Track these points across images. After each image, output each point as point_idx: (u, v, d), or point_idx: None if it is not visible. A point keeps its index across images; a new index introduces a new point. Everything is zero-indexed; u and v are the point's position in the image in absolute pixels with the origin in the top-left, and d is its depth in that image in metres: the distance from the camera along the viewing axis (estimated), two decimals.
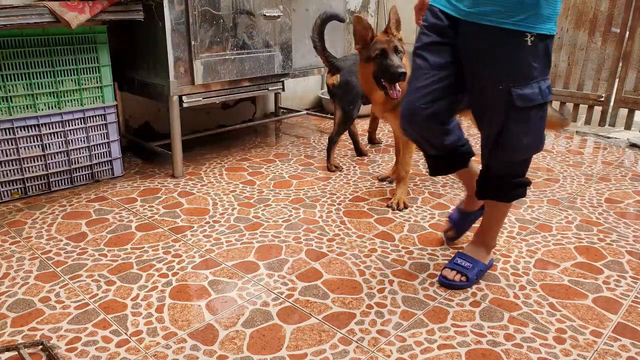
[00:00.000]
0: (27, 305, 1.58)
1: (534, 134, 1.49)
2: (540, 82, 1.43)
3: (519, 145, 1.50)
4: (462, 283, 1.69)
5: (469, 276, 1.70)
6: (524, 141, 1.48)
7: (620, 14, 3.59)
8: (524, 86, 1.41)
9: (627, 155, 3.28)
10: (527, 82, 1.41)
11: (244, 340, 1.43)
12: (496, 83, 1.43)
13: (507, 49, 1.40)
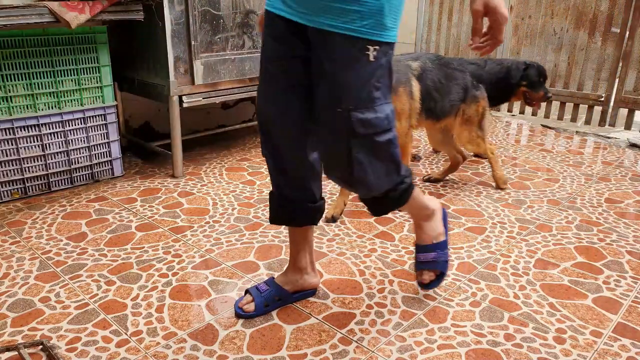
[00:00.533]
0: (27, 305, 1.58)
1: (385, 166, 1.26)
2: (384, 105, 1.20)
3: (371, 182, 1.26)
4: (437, 281, 1.61)
5: (439, 268, 1.58)
6: (375, 176, 1.25)
7: (620, 14, 3.59)
8: (366, 109, 1.15)
9: (627, 155, 3.28)
10: (369, 105, 1.16)
11: (244, 340, 1.43)
12: (333, 105, 1.15)
13: (346, 62, 1.12)
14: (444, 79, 2.35)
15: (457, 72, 2.43)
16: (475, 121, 2.50)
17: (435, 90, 2.31)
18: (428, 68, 2.30)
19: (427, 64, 2.32)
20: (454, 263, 1.87)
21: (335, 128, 1.19)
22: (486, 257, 1.92)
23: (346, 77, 1.14)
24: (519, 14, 4.11)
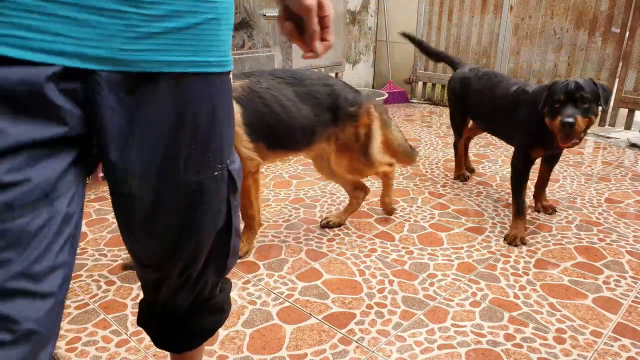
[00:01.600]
0: None
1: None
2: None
3: (235, 246, 0.90)
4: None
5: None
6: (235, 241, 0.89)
7: (620, 14, 3.60)
8: (234, 154, 0.84)
9: (627, 155, 3.28)
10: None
11: (244, 340, 1.43)
12: (208, 163, 0.76)
13: (209, 103, 0.74)
14: (290, 98, 1.84)
15: (318, 87, 1.90)
16: (355, 148, 1.97)
17: (273, 114, 1.80)
18: (260, 88, 1.80)
19: (261, 82, 1.81)
20: (454, 263, 1.87)
21: (212, 198, 0.79)
22: (486, 257, 1.92)
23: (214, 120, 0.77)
24: (519, 14, 4.11)
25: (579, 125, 1.81)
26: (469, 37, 4.45)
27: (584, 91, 1.83)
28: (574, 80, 1.86)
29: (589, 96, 1.83)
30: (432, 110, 4.57)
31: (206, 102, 0.72)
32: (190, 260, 0.83)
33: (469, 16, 4.41)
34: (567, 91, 1.84)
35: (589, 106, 1.84)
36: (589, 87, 1.84)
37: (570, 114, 1.81)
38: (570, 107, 1.83)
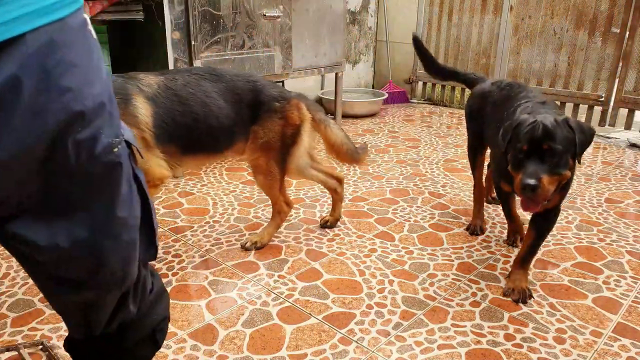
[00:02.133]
0: (27, 305, 1.58)
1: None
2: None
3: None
4: None
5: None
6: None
7: (620, 14, 3.59)
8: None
9: (627, 155, 3.28)
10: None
11: (244, 340, 1.43)
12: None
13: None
14: (209, 95, 1.71)
15: (239, 83, 1.78)
16: (276, 147, 1.81)
17: (192, 114, 1.67)
18: (175, 85, 1.67)
19: (177, 80, 1.69)
20: (454, 263, 1.87)
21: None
22: (486, 257, 1.92)
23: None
24: (519, 14, 4.11)
25: (544, 189, 1.40)
26: (469, 37, 4.45)
27: (554, 140, 1.41)
28: (543, 122, 1.42)
29: (559, 147, 1.41)
30: (432, 110, 4.57)
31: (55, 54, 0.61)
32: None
33: (469, 16, 4.41)
34: (532, 139, 1.42)
35: (559, 160, 1.42)
36: (561, 133, 1.42)
37: (533, 172, 1.40)
38: (534, 161, 1.42)
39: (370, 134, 3.69)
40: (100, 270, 0.75)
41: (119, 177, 0.73)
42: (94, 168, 0.69)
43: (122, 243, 0.76)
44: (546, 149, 1.41)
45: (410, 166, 2.97)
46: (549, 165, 1.42)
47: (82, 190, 0.69)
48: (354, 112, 4.22)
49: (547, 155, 1.41)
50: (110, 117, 0.71)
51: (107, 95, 0.71)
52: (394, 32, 4.89)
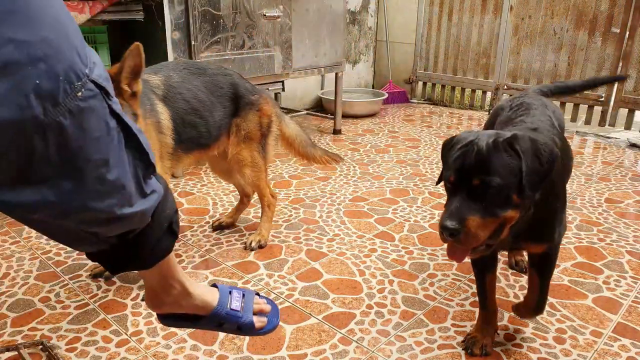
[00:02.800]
0: (27, 305, 1.58)
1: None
2: None
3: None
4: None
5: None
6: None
7: (620, 14, 3.60)
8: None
9: (627, 155, 3.28)
10: None
11: (244, 340, 1.43)
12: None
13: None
14: (203, 91, 1.74)
15: (220, 77, 1.82)
16: (257, 138, 1.90)
17: (194, 112, 1.70)
18: (175, 83, 1.68)
19: (173, 76, 1.70)
20: (454, 263, 1.87)
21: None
22: None
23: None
24: (519, 14, 4.11)
25: (470, 234, 1.05)
26: (469, 37, 4.45)
27: (487, 172, 1.05)
28: (477, 144, 1.08)
29: (495, 181, 1.04)
30: (432, 110, 4.57)
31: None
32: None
33: (469, 16, 4.41)
34: (460, 169, 1.09)
35: (496, 197, 1.06)
36: (498, 161, 1.06)
37: (454, 212, 1.05)
38: (461, 197, 1.07)
39: (370, 134, 3.69)
40: (96, 214, 0.77)
41: (90, 120, 0.71)
42: (63, 117, 0.67)
43: (108, 184, 0.76)
44: (477, 185, 1.06)
45: (410, 166, 2.97)
46: (483, 203, 1.06)
47: (57, 144, 0.68)
48: (354, 112, 4.22)
49: (479, 191, 1.06)
50: (71, 59, 0.68)
51: (63, 33, 0.68)
52: (394, 32, 4.89)
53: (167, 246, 0.98)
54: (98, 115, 0.73)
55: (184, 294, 1.09)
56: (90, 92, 0.71)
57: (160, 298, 1.09)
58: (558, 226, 1.26)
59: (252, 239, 1.98)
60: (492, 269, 1.38)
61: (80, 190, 0.73)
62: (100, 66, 0.75)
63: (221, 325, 1.16)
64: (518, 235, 1.20)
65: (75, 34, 0.71)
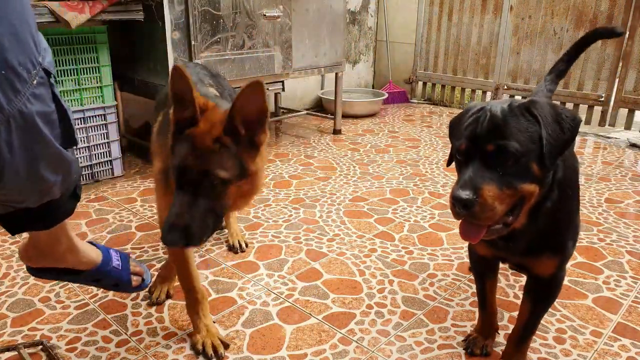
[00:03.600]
0: (27, 305, 1.58)
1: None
2: None
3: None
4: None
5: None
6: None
7: (620, 14, 3.59)
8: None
9: (627, 155, 3.28)
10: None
11: (244, 340, 1.43)
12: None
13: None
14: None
15: (226, 82, 1.82)
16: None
17: None
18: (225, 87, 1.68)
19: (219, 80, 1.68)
20: (454, 263, 1.87)
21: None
22: None
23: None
24: (519, 14, 4.10)
25: (486, 205, 0.94)
26: (469, 37, 4.45)
27: (504, 136, 0.95)
28: (491, 110, 0.98)
29: (513, 147, 0.94)
30: (432, 110, 4.57)
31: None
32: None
33: (469, 16, 4.41)
34: (473, 135, 0.98)
35: (514, 166, 0.95)
36: (516, 125, 0.96)
37: (468, 182, 0.94)
38: (475, 167, 0.96)
39: (370, 134, 3.69)
40: (40, 184, 0.86)
41: (41, 106, 0.78)
42: (23, 106, 0.73)
43: (50, 157, 0.85)
44: (492, 151, 0.95)
45: (410, 166, 2.97)
46: (498, 172, 0.95)
47: (18, 128, 0.74)
48: (354, 112, 4.22)
49: (494, 159, 0.95)
50: (29, 48, 0.73)
51: (25, 25, 0.72)
52: (394, 32, 4.89)
53: (70, 208, 1.05)
54: (45, 101, 0.79)
55: (70, 250, 1.14)
56: (42, 79, 0.78)
57: (42, 252, 1.13)
58: (572, 235, 1.16)
59: (235, 241, 1.95)
60: (492, 275, 1.34)
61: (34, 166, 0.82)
62: (49, 51, 0.81)
63: (99, 281, 1.24)
64: (525, 239, 1.10)
65: (32, 20, 0.75)
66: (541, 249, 1.13)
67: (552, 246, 1.13)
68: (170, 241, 1.01)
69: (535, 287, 1.22)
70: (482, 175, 0.94)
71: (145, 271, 1.41)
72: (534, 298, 1.23)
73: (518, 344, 1.29)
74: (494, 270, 1.34)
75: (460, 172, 1.00)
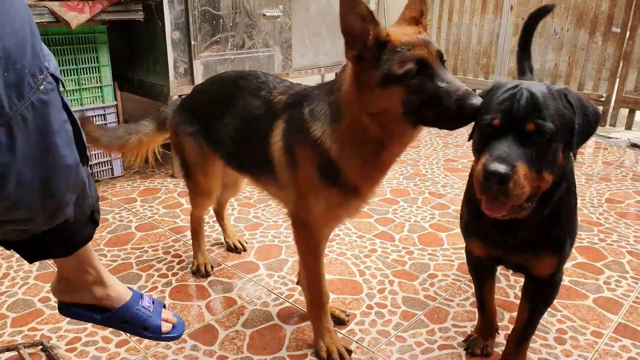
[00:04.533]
0: (27, 305, 1.58)
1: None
2: None
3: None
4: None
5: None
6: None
7: (620, 14, 3.59)
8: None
9: (628, 155, 3.27)
10: None
11: (244, 341, 1.42)
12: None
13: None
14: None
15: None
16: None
17: None
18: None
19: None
20: (454, 263, 1.87)
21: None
22: None
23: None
24: (519, 13, 4.10)
25: (519, 183, 0.90)
26: (469, 37, 4.45)
27: (543, 115, 0.92)
28: (529, 89, 0.95)
29: (549, 130, 0.92)
30: None
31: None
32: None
33: (469, 16, 4.41)
34: (509, 111, 0.94)
35: (547, 148, 0.93)
36: (555, 108, 0.94)
37: (504, 155, 0.91)
38: (508, 141, 0.93)
39: None
40: (50, 199, 0.81)
41: (49, 112, 0.74)
42: (27, 110, 0.70)
43: (63, 170, 0.80)
44: (531, 130, 0.92)
45: (411, 166, 2.96)
46: (531, 151, 0.92)
47: (22, 133, 0.70)
48: None
49: (530, 138, 0.92)
50: (34, 52, 0.71)
51: (28, 29, 0.70)
52: None
53: (88, 234, 1.00)
54: (55, 108, 0.76)
55: (98, 282, 1.10)
56: (50, 85, 0.75)
57: (71, 284, 1.09)
58: (570, 233, 1.14)
59: (234, 242, 1.94)
60: (490, 277, 1.34)
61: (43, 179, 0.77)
62: (53, 58, 0.79)
63: (127, 322, 1.17)
64: (527, 230, 1.08)
65: (35, 27, 0.73)
66: (541, 244, 1.11)
67: (552, 241, 1.12)
68: (474, 105, 0.99)
69: (534, 288, 1.21)
70: (517, 152, 0.92)
71: (178, 321, 1.28)
72: (532, 299, 1.22)
73: (518, 345, 1.28)
74: (491, 272, 1.34)
75: (486, 147, 0.96)
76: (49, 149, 0.76)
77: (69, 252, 1.00)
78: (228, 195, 1.91)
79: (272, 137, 1.32)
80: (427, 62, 1.04)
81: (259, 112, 1.38)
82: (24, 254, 0.97)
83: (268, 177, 1.38)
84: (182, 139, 1.60)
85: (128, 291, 1.19)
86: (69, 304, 1.13)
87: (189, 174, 1.66)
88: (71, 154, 0.82)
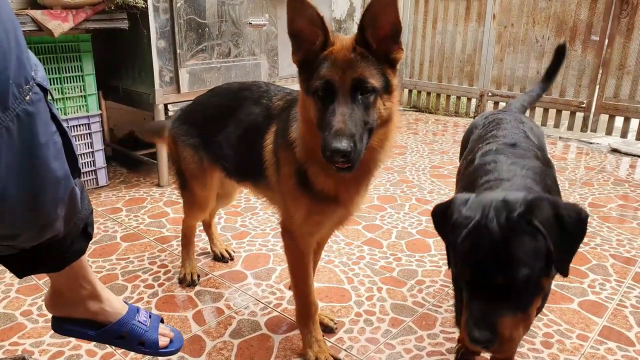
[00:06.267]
0: (8, 319, 1.54)
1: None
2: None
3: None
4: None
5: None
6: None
7: (599, 23, 3.68)
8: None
9: (609, 160, 3.34)
10: None
11: (232, 351, 1.41)
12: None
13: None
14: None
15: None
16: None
17: None
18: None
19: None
20: (442, 269, 1.88)
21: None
22: None
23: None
24: (501, 22, 4.18)
25: (507, 337, 0.86)
26: (453, 45, 4.51)
27: (511, 264, 0.85)
28: (489, 228, 0.88)
29: (524, 276, 0.85)
30: (418, 117, 4.61)
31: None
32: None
33: (453, 24, 4.47)
34: (476, 266, 0.88)
35: (527, 288, 0.87)
36: (521, 246, 0.86)
37: (480, 319, 0.87)
38: (481, 299, 0.88)
39: None
40: (37, 214, 0.77)
41: (36, 124, 0.72)
42: (11, 123, 0.67)
43: (52, 183, 0.77)
44: (500, 282, 0.86)
45: (397, 173, 2.98)
46: (510, 300, 0.87)
47: (6, 146, 0.68)
48: None
49: (504, 288, 0.86)
50: (19, 62, 0.68)
51: (12, 38, 0.67)
52: None
53: (80, 248, 0.98)
54: (42, 119, 0.74)
55: (93, 296, 1.08)
56: (37, 95, 0.72)
57: (65, 298, 1.06)
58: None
59: (221, 251, 1.93)
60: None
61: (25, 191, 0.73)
62: (41, 68, 0.76)
63: (122, 338, 1.13)
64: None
65: (21, 36, 0.71)
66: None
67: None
68: (338, 149, 0.95)
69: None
70: (494, 308, 0.87)
71: (176, 334, 1.27)
72: None
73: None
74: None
75: (467, 296, 0.91)
76: (36, 162, 0.73)
77: (61, 267, 0.98)
78: (219, 206, 1.90)
79: (266, 139, 1.33)
80: (332, 85, 1.02)
81: (259, 119, 1.39)
82: (13, 268, 0.94)
83: (263, 181, 1.38)
84: (181, 149, 1.60)
85: (124, 305, 1.16)
86: (63, 320, 1.10)
87: (185, 184, 1.65)
88: (60, 167, 0.78)
